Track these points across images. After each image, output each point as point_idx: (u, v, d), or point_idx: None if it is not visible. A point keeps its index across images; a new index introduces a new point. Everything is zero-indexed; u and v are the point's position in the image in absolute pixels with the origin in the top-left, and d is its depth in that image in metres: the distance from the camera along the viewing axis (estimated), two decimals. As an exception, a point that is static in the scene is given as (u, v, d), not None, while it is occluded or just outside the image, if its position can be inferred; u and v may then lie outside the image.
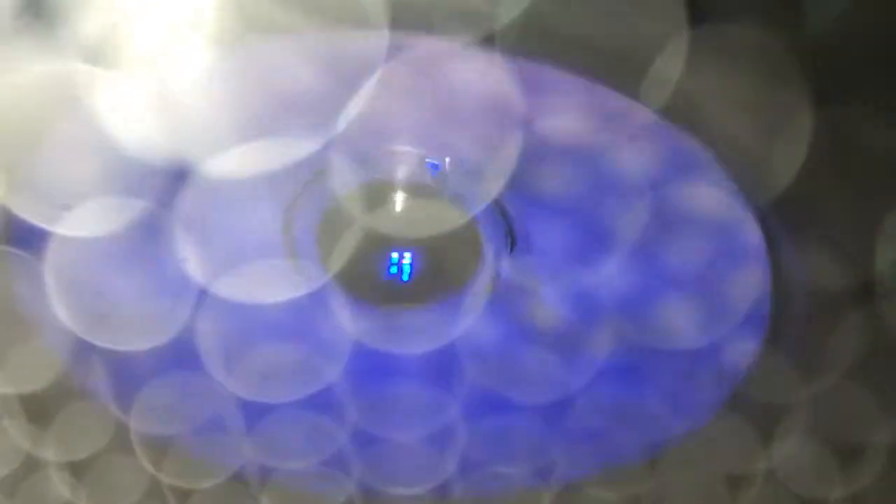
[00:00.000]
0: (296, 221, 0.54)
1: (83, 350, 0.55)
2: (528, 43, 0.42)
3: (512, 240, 0.58)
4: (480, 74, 0.45)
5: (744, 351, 0.60)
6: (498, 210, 0.56)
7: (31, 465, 0.60)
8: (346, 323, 0.57)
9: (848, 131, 0.44)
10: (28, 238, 0.50)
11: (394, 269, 0.55)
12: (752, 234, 0.53)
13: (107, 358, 0.56)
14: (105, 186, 0.49)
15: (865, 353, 0.55)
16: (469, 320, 0.59)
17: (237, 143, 0.47)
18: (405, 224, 0.54)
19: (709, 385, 0.63)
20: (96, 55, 0.41)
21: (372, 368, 0.61)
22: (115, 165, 0.47)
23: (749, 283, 0.56)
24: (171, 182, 0.49)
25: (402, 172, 0.54)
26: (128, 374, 0.58)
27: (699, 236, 0.55)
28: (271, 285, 0.55)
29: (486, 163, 0.52)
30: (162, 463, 0.62)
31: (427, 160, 0.54)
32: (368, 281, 0.55)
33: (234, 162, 0.48)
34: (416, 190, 0.54)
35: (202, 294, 0.54)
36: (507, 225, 0.57)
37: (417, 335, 0.59)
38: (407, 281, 0.55)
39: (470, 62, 0.44)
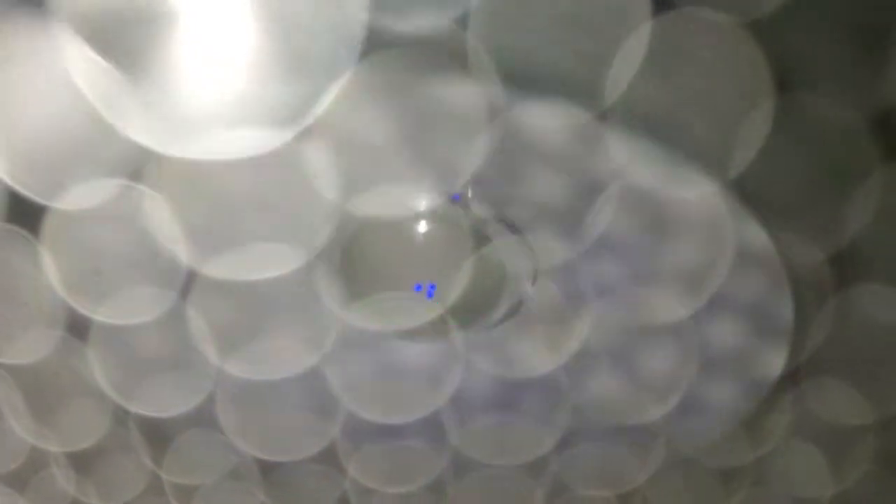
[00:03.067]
0: (323, 254, 0.56)
1: (121, 412, 0.64)
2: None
3: (534, 266, 0.59)
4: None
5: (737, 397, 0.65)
6: (521, 238, 0.58)
7: (75, 508, 0.69)
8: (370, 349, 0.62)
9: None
10: (79, 325, 0.58)
11: (419, 290, 0.56)
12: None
13: (141, 420, 0.64)
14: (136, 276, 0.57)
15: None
16: (491, 345, 0.62)
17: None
18: (430, 252, 0.56)
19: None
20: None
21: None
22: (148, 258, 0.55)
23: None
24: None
25: (426, 203, 0.55)
26: (159, 430, 0.66)
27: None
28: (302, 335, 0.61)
29: (509, 193, 0.54)
30: (190, 505, 0.70)
31: (451, 192, 0.55)
32: (393, 303, 0.56)
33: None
34: (440, 219, 0.55)
35: (225, 358, 0.62)
36: (531, 252, 0.58)
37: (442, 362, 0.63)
38: (430, 300, 0.56)
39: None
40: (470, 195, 0.55)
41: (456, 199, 0.55)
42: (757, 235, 0.56)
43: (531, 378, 0.65)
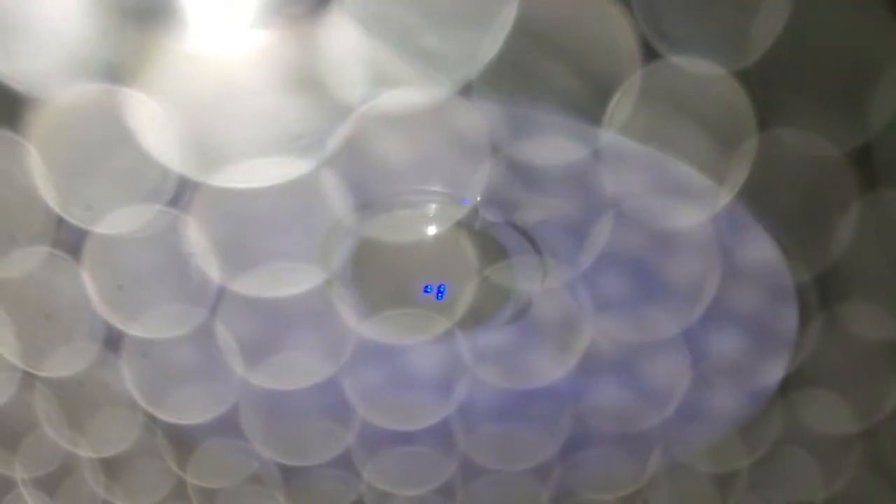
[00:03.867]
0: (334, 253, 0.58)
1: (150, 419, 0.68)
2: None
3: (543, 267, 0.60)
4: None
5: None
6: (529, 239, 0.59)
7: (103, 509, 0.72)
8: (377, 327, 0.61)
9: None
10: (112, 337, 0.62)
11: (429, 291, 0.58)
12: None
13: (168, 427, 0.68)
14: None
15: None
16: (499, 341, 0.64)
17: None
18: (438, 253, 0.57)
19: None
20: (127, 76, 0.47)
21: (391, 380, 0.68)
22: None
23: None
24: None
25: (435, 206, 0.56)
26: (186, 438, 0.70)
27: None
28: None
29: (518, 195, 0.56)
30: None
31: (459, 195, 0.56)
32: (403, 305, 0.59)
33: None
34: (448, 222, 0.56)
35: (249, 369, 0.65)
36: (538, 253, 0.59)
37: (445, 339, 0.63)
38: (440, 302, 0.58)
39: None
40: (479, 199, 0.56)
41: (465, 203, 0.57)
42: (752, 253, 0.60)
43: (536, 387, 0.68)
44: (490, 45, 0.46)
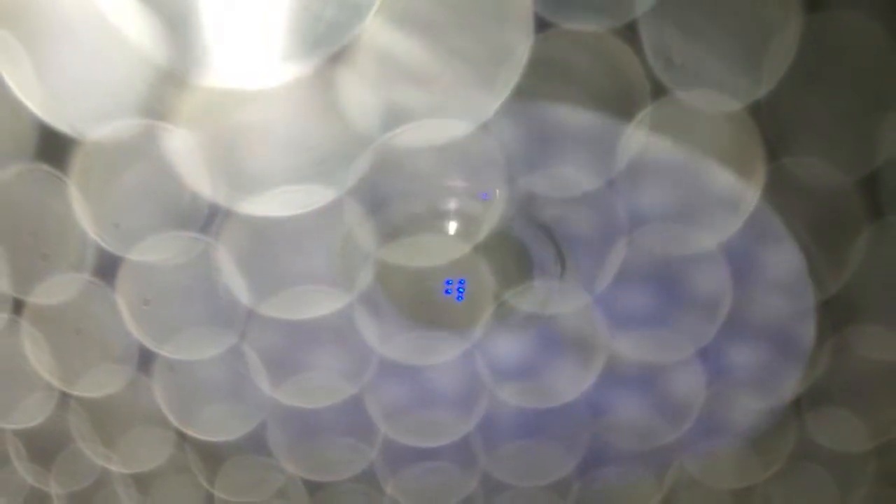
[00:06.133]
0: (351, 251, 0.59)
1: (180, 436, 0.70)
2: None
3: (562, 266, 0.60)
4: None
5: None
6: (548, 237, 0.59)
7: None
8: (399, 347, 0.63)
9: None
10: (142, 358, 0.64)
11: (449, 291, 0.58)
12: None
13: (198, 443, 0.70)
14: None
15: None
16: (519, 341, 0.65)
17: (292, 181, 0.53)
18: (458, 251, 0.57)
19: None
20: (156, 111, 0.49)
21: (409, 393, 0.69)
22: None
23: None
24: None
25: (454, 203, 0.57)
26: (215, 454, 0.72)
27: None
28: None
29: (537, 193, 0.56)
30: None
31: (479, 191, 0.56)
32: (424, 304, 0.59)
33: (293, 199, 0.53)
34: (468, 219, 0.57)
35: (276, 388, 0.67)
36: (558, 251, 0.60)
37: (466, 356, 0.63)
38: (461, 302, 0.58)
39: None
40: (499, 195, 0.56)
41: (485, 199, 0.56)
42: (766, 275, 0.61)
43: (557, 403, 0.69)
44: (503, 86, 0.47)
